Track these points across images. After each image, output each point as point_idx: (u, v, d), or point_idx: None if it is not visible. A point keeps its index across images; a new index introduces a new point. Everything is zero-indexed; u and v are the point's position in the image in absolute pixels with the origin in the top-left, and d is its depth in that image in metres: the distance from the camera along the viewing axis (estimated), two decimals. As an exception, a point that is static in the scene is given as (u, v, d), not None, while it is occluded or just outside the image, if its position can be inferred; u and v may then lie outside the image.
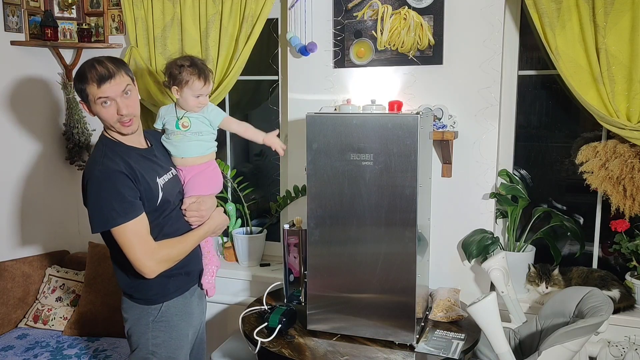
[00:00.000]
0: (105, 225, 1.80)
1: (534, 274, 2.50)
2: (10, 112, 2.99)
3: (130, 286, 1.96)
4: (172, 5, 2.86)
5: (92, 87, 1.80)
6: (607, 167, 2.35)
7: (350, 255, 2.12)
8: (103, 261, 2.97)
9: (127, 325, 2.00)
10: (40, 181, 3.21)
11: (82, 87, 1.83)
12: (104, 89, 1.80)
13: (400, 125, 1.99)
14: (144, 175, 1.88)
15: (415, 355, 2.04)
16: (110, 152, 1.87)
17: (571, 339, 1.91)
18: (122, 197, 1.80)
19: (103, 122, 1.89)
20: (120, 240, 1.82)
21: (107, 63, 1.83)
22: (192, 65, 2.05)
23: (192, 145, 2.09)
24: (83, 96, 1.85)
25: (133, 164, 1.87)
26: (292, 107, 2.83)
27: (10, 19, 2.93)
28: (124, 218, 1.79)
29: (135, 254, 1.82)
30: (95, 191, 1.80)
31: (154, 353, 1.95)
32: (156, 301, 1.96)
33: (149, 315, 1.95)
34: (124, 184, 1.81)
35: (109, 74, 1.81)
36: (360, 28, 2.62)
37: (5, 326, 2.85)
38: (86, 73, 1.81)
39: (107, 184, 1.79)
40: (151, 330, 1.95)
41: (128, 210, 1.81)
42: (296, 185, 2.87)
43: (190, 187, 2.09)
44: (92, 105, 1.85)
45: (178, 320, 2.00)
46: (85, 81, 1.81)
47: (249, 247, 3.02)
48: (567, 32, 2.28)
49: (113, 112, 1.84)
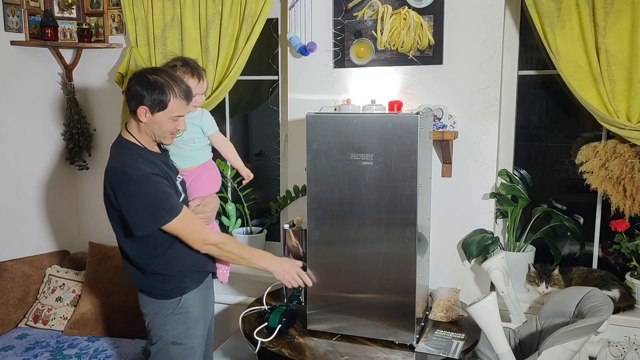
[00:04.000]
0: (156, 223, 1.88)
1: (534, 274, 2.50)
2: (11, 112, 2.99)
3: (145, 284, 2.03)
4: (172, 5, 2.86)
5: (180, 102, 1.92)
6: (607, 167, 2.35)
7: (350, 255, 2.12)
8: (103, 261, 2.97)
9: (146, 320, 2.07)
10: (41, 181, 3.21)
11: (163, 98, 1.88)
12: (188, 107, 1.96)
13: (400, 125, 1.99)
14: (170, 177, 1.98)
15: (415, 355, 2.04)
16: (139, 156, 1.92)
17: (571, 339, 1.91)
18: (167, 194, 1.89)
19: (156, 130, 1.94)
20: (177, 232, 1.92)
21: (185, 84, 1.99)
22: (185, 65, 2.12)
23: (187, 157, 2.19)
24: (156, 105, 1.88)
25: (161, 167, 1.96)
26: (292, 107, 2.82)
27: (10, 19, 2.92)
28: (171, 214, 1.88)
29: (194, 241, 1.95)
30: (140, 194, 1.85)
31: (174, 343, 2.03)
32: (174, 295, 2.02)
33: (167, 309, 2.02)
34: (162, 184, 1.90)
35: (190, 94, 1.97)
36: (360, 28, 2.62)
37: (5, 326, 2.85)
38: (174, 87, 1.90)
39: (150, 187, 1.86)
40: (170, 322, 2.02)
41: (174, 206, 1.90)
42: (296, 185, 2.87)
43: (193, 191, 2.17)
44: (159, 114, 1.90)
45: (195, 311, 2.06)
46: (172, 94, 1.89)
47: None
48: (567, 32, 2.28)
49: (174, 126, 1.95)
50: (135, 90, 1.88)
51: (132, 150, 1.93)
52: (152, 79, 1.88)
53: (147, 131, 1.94)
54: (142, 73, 1.93)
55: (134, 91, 1.88)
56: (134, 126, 1.96)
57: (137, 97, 1.87)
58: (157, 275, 1.99)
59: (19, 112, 3.04)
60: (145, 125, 1.92)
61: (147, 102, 1.87)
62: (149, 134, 1.95)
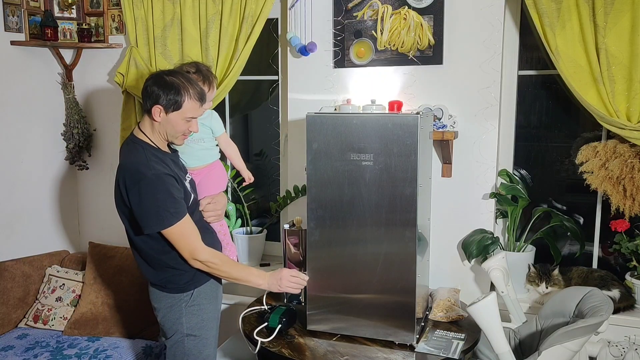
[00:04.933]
0: (160, 226, 1.90)
1: (534, 274, 2.50)
2: (10, 112, 2.99)
3: (159, 278, 2.06)
4: (172, 5, 2.86)
5: (194, 103, 1.96)
6: (607, 167, 2.35)
7: (350, 256, 2.12)
8: (103, 261, 2.97)
9: (160, 314, 2.10)
10: (41, 181, 3.20)
11: (178, 98, 1.92)
12: (201, 110, 2.00)
13: (400, 125, 1.99)
14: (180, 178, 2.00)
15: (415, 355, 2.04)
16: (153, 156, 1.95)
17: (571, 339, 1.91)
18: (175, 199, 1.91)
19: (169, 130, 1.97)
20: (172, 237, 1.93)
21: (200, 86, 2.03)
22: (197, 72, 2.22)
23: (197, 155, 2.27)
24: (171, 105, 1.92)
25: (172, 167, 1.99)
26: (292, 107, 2.83)
27: (10, 19, 2.92)
28: (176, 218, 1.91)
29: (184, 252, 1.95)
30: (151, 193, 1.88)
31: (189, 336, 2.06)
32: (188, 288, 2.06)
33: (181, 302, 2.05)
34: (173, 186, 1.92)
35: (204, 97, 2.02)
36: (360, 28, 2.62)
37: (5, 326, 2.84)
38: (190, 89, 1.94)
39: (162, 187, 1.89)
40: (185, 315, 2.06)
41: (179, 211, 1.92)
42: (296, 185, 2.87)
43: (203, 189, 2.25)
44: (173, 114, 1.93)
45: (207, 303, 2.10)
46: (187, 95, 1.93)
47: (249, 247, 3.02)
48: (567, 32, 2.28)
49: (186, 127, 1.99)
50: (152, 90, 1.93)
51: (146, 149, 1.97)
52: (168, 80, 1.93)
53: (160, 131, 1.99)
54: (159, 74, 1.98)
55: (150, 91, 1.93)
56: (147, 126, 2.00)
57: (153, 96, 1.92)
58: (171, 269, 2.02)
59: (19, 112, 3.04)
60: (159, 125, 1.97)
61: (163, 101, 1.92)
62: (162, 133, 1.99)
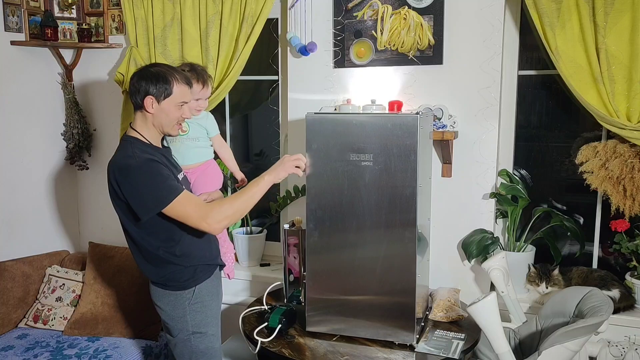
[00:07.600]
0: (160, 205, 1.87)
1: (534, 274, 2.50)
2: (10, 112, 2.99)
3: (160, 276, 2.05)
4: (172, 5, 2.86)
5: (183, 87, 1.96)
6: (607, 167, 2.35)
7: (350, 256, 2.12)
8: (103, 261, 2.97)
9: (164, 314, 2.10)
10: (41, 181, 3.20)
11: (167, 85, 1.93)
12: (190, 94, 2.01)
13: (400, 125, 1.99)
14: (171, 171, 1.99)
15: (415, 355, 2.04)
16: (138, 149, 1.95)
17: (571, 339, 1.91)
18: (165, 177, 1.90)
19: (163, 119, 1.97)
20: (176, 214, 1.89)
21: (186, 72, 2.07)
22: (191, 70, 2.24)
23: (191, 153, 2.32)
24: (162, 93, 1.93)
25: (163, 160, 1.99)
26: (292, 107, 2.82)
27: (10, 19, 2.92)
28: (172, 194, 1.88)
29: (195, 221, 1.90)
30: (138, 179, 1.88)
31: (195, 333, 2.07)
32: (189, 286, 2.05)
33: (184, 300, 2.05)
34: (162, 168, 1.92)
35: (190, 80, 2.04)
36: (360, 28, 2.62)
37: (5, 326, 2.84)
38: (175, 74, 1.96)
39: (148, 170, 1.89)
40: (189, 313, 2.06)
41: (173, 187, 1.90)
42: (296, 185, 2.87)
43: (199, 187, 2.29)
44: (165, 102, 1.94)
45: (210, 300, 2.11)
46: (175, 80, 1.94)
47: (249, 247, 3.02)
48: (567, 32, 2.28)
49: (180, 114, 1.99)
50: (139, 84, 1.93)
51: (133, 143, 1.97)
52: (154, 71, 1.95)
53: (154, 123, 1.98)
54: (143, 69, 2.00)
55: (138, 86, 1.93)
56: (139, 122, 2.00)
57: (142, 90, 1.93)
58: (171, 265, 2.01)
59: (19, 112, 3.04)
60: (153, 117, 1.97)
61: (154, 91, 1.92)
62: (157, 125, 1.99)
